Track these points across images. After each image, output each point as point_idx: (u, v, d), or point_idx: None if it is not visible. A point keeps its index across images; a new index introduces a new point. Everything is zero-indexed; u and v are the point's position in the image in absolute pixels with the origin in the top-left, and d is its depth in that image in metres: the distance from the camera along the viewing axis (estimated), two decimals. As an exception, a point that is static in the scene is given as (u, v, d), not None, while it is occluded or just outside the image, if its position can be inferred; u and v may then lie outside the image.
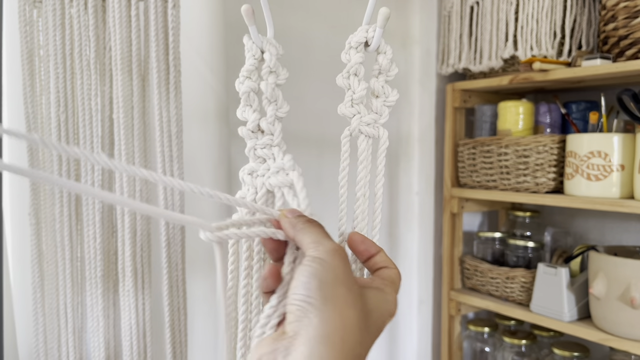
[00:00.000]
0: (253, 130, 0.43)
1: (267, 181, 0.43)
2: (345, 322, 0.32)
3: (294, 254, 0.38)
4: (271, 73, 0.43)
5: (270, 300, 0.37)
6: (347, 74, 0.43)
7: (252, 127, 0.43)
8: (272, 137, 0.43)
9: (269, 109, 0.43)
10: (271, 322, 0.36)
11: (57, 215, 0.77)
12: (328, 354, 0.31)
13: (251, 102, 0.43)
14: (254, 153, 0.43)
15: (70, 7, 0.76)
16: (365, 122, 0.44)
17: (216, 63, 0.99)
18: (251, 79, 0.43)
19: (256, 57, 0.43)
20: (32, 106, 0.77)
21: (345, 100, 0.44)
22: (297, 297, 0.33)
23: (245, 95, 0.43)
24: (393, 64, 0.43)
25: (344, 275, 0.34)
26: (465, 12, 1.37)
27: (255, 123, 0.43)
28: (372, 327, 0.35)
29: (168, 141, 0.79)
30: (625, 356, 1.15)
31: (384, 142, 0.44)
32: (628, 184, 1.09)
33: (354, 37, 0.43)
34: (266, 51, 0.43)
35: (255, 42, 0.43)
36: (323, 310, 0.32)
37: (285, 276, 0.37)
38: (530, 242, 1.32)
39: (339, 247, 0.35)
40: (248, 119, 0.43)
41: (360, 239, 0.41)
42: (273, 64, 0.42)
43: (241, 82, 0.43)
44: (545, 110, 1.28)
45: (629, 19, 1.09)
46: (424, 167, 1.47)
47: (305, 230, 0.37)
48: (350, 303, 0.33)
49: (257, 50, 0.43)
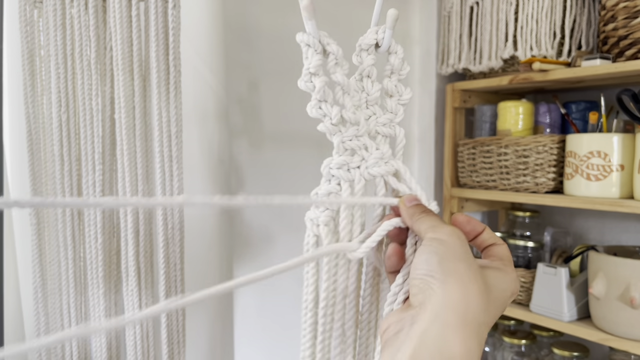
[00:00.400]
0: (335, 124, 0.43)
1: (367, 171, 0.42)
2: (468, 293, 0.33)
3: (415, 237, 0.40)
4: (337, 64, 0.43)
5: (396, 279, 0.39)
6: (360, 76, 0.44)
7: (336, 121, 0.42)
8: (357, 127, 0.42)
9: (347, 100, 0.43)
10: (398, 298, 0.39)
11: (58, 215, 0.77)
12: (452, 319, 0.32)
13: (326, 97, 0.43)
14: (342, 146, 0.43)
15: (71, 7, 0.76)
16: (382, 122, 0.44)
17: (216, 63, 0.98)
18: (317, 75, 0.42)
19: (318, 52, 0.42)
20: (32, 106, 0.77)
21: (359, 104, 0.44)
22: (420, 272, 0.35)
23: (321, 92, 0.42)
24: (404, 63, 0.44)
25: (463, 253, 0.35)
26: (465, 12, 1.37)
27: (339, 116, 0.42)
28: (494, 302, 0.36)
29: (168, 141, 0.79)
30: (625, 356, 1.15)
31: (400, 140, 0.44)
32: (628, 184, 1.09)
33: (364, 40, 0.43)
34: (330, 44, 0.42)
35: (316, 37, 0.42)
36: (445, 282, 0.34)
37: (409, 257, 0.40)
38: (530, 242, 1.32)
39: (456, 229, 0.37)
40: (330, 114, 0.42)
41: (466, 219, 0.42)
42: (340, 55, 0.42)
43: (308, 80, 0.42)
44: (545, 111, 1.28)
45: (629, 19, 1.09)
46: (424, 167, 1.47)
47: (423, 219, 0.39)
48: (471, 277, 0.34)
49: (319, 45, 0.42)
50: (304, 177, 1.25)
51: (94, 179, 0.77)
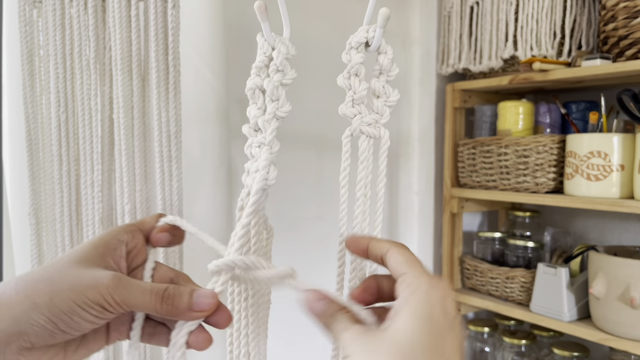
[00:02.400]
0: (255, 129, 0.43)
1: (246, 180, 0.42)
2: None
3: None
4: (278, 72, 0.42)
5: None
6: (348, 74, 0.43)
7: (253, 125, 0.43)
8: (264, 135, 0.42)
9: (269, 107, 0.42)
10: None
11: (57, 215, 0.77)
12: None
13: (256, 100, 0.43)
14: (250, 151, 0.43)
15: (70, 7, 0.76)
16: (367, 122, 0.44)
17: (216, 63, 0.98)
18: (259, 77, 0.43)
19: (267, 55, 0.42)
20: (32, 106, 0.77)
21: (346, 101, 0.44)
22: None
23: (250, 92, 0.43)
24: (394, 64, 0.43)
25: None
26: (465, 12, 1.37)
27: (255, 121, 0.43)
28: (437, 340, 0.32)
29: (167, 141, 0.79)
30: (625, 356, 1.15)
31: (385, 142, 0.44)
32: (628, 184, 1.09)
33: (354, 38, 0.43)
34: (276, 49, 0.42)
35: (267, 39, 0.42)
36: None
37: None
38: (530, 242, 1.32)
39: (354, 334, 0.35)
40: (250, 117, 0.43)
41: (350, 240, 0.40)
42: (280, 63, 0.42)
43: (250, 79, 0.42)
44: (545, 110, 1.28)
45: (629, 19, 1.09)
46: (424, 167, 1.47)
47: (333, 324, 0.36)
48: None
49: (269, 47, 0.43)
50: (304, 177, 1.25)
51: (92, 179, 0.77)
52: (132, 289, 0.35)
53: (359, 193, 0.43)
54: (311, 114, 1.22)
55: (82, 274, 0.35)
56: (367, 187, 0.44)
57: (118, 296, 0.35)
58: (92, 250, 0.37)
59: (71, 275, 0.35)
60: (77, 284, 0.34)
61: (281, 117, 0.43)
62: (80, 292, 0.34)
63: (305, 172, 1.25)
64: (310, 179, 1.26)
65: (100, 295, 0.34)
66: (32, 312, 0.33)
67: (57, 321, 0.33)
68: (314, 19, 1.24)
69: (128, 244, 0.39)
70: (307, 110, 1.22)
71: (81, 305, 0.34)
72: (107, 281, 0.35)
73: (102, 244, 0.38)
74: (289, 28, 0.44)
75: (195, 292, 0.37)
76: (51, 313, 0.33)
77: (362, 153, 0.44)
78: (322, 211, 1.27)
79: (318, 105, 1.22)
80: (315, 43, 1.23)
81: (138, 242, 0.40)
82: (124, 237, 0.39)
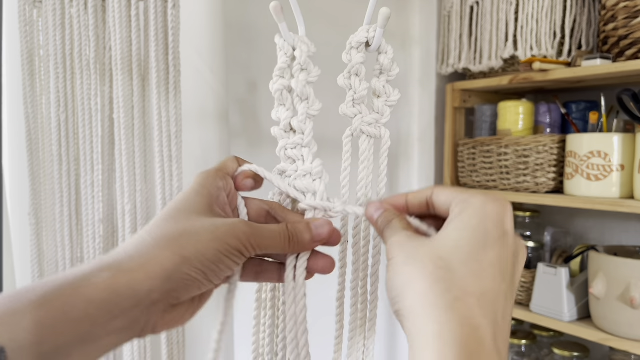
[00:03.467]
0: (285, 130, 0.43)
1: (293, 183, 0.42)
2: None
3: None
4: (302, 70, 0.42)
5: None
6: (349, 74, 0.43)
7: (284, 127, 0.42)
8: (302, 136, 0.42)
9: (301, 107, 0.42)
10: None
11: (57, 215, 0.77)
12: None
13: (284, 101, 0.43)
14: (284, 153, 0.43)
15: (70, 7, 0.76)
16: (367, 122, 0.43)
17: (216, 63, 0.98)
18: (284, 78, 0.42)
19: (288, 55, 0.42)
20: (32, 106, 0.77)
21: (346, 101, 0.44)
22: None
23: (278, 94, 0.42)
24: (394, 64, 0.43)
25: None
26: (465, 12, 1.37)
27: (287, 122, 0.42)
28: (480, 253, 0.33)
29: (167, 141, 0.79)
30: (625, 356, 1.15)
31: (385, 141, 0.44)
32: (628, 184, 1.09)
33: (354, 38, 0.43)
34: (297, 48, 0.42)
35: (287, 40, 0.42)
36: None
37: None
38: (530, 242, 1.32)
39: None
40: (280, 118, 0.42)
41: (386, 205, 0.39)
42: (304, 61, 0.42)
43: (274, 82, 0.42)
44: (545, 110, 1.28)
45: (629, 19, 1.09)
46: (424, 167, 1.47)
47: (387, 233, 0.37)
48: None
49: (289, 48, 0.42)
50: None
51: (92, 179, 0.77)
52: (264, 233, 0.37)
53: (360, 193, 0.43)
54: (311, 114, 1.22)
55: (214, 223, 0.35)
56: (367, 187, 0.44)
57: (254, 240, 0.36)
58: (200, 201, 0.37)
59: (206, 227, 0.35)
60: (218, 234, 0.35)
61: (314, 115, 0.43)
62: (223, 240, 0.34)
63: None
64: (310, 179, 1.26)
65: (240, 242, 0.35)
66: (183, 267, 0.33)
67: (207, 271, 0.34)
68: (314, 19, 1.24)
69: (225, 189, 0.40)
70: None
71: (225, 253, 0.34)
72: (243, 228, 0.36)
73: (207, 194, 0.38)
74: (304, 26, 0.44)
75: (313, 225, 0.39)
76: (202, 264, 0.34)
77: (362, 153, 0.44)
78: (322, 211, 1.27)
79: (318, 105, 1.21)
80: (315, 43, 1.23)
81: (231, 187, 0.41)
82: (221, 183, 0.40)
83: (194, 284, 0.34)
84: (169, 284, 0.33)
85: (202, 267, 0.34)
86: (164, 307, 0.33)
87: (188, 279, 0.33)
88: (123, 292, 0.31)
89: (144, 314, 0.32)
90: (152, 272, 0.32)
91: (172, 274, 0.33)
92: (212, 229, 0.35)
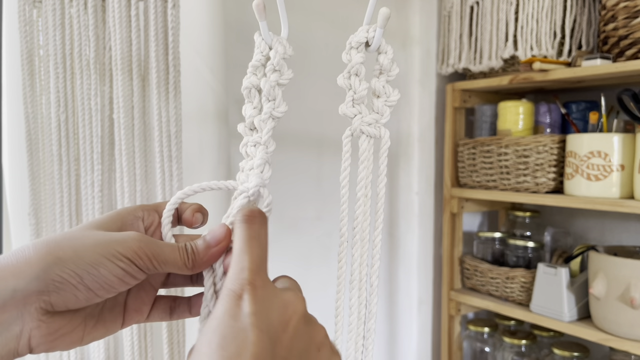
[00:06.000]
0: (251, 128, 0.43)
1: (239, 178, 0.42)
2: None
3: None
4: (275, 71, 0.42)
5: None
6: (348, 74, 0.43)
7: (248, 124, 0.43)
8: (260, 135, 0.42)
9: (266, 107, 0.43)
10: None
11: (57, 215, 0.77)
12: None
13: (252, 99, 0.43)
14: (245, 150, 0.43)
15: (70, 7, 0.76)
16: (367, 122, 0.43)
17: (216, 63, 0.98)
18: (256, 76, 0.43)
19: (263, 54, 0.42)
20: (32, 106, 0.77)
21: (346, 101, 0.44)
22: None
23: (246, 91, 0.43)
24: (394, 64, 0.43)
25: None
26: (465, 12, 1.37)
27: (251, 120, 0.43)
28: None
29: (167, 141, 0.79)
30: (625, 356, 1.15)
31: (385, 141, 0.44)
32: (628, 184, 1.09)
33: (354, 37, 0.43)
34: (273, 48, 0.42)
35: (265, 38, 0.42)
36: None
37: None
38: (530, 242, 1.32)
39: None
40: (246, 115, 0.43)
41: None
42: (277, 62, 0.42)
43: (246, 78, 0.43)
44: (545, 110, 1.28)
45: (629, 19, 1.09)
46: (424, 167, 1.47)
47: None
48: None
49: (266, 47, 0.43)
50: (304, 177, 1.25)
51: (92, 179, 0.77)
52: (161, 245, 0.35)
53: (360, 193, 0.43)
54: (311, 114, 1.22)
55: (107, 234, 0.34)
56: (367, 187, 0.44)
57: (149, 250, 0.34)
58: (109, 222, 0.36)
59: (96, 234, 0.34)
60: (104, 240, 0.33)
61: (277, 117, 0.43)
62: (109, 246, 0.33)
63: (305, 172, 1.25)
64: (310, 179, 1.26)
65: (130, 249, 0.33)
66: (55, 267, 0.32)
67: (84, 275, 0.32)
68: (314, 19, 1.24)
69: (144, 220, 0.39)
70: (307, 110, 1.22)
71: (109, 257, 0.33)
72: (136, 236, 0.34)
73: (119, 218, 0.37)
74: (287, 28, 0.44)
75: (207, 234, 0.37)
76: (77, 266, 0.32)
77: (362, 153, 0.44)
78: (322, 211, 1.27)
79: (318, 105, 1.22)
80: (315, 43, 1.23)
81: (154, 221, 0.40)
82: (140, 213, 0.39)
83: (66, 287, 0.32)
84: (36, 284, 0.31)
85: (77, 270, 0.32)
86: (37, 313, 0.32)
87: (60, 280, 0.31)
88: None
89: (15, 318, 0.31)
90: (18, 270, 0.31)
91: (40, 273, 0.31)
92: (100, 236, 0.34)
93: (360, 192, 0.43)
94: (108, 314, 0.37)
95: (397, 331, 1.49)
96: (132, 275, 0.34)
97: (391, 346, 1.48)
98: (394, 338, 1.49)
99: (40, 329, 0.32)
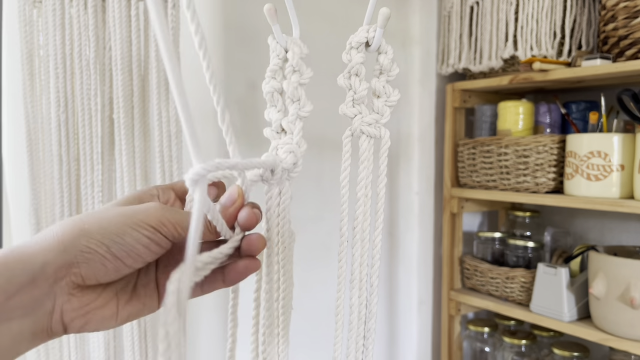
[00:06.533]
0: (277, 131, 0.43)
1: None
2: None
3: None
4: (294, 72, 0.42)
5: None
6: (348, 74, 0.43)
7: (276, 128, 0.43)
8: (292, 136, 0.42)
9: (292, 108, 0.43)
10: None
11: (57, 215, 0.77)
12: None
13: (275, 103, 0.43)
14: (276, 153, 0.43)
15: (70, 7, 0.76)
16: (367, 122, 0.44)
17: (216, 63, 0.98)
18: (275, 79, 0.43)
19: (280, 57, 0.42)
20: (32, 106, 0.77)
21: (346, 101, 0.44)
22: None
23: (269, 96, 0.43)
24: (394, 64, 0.43)
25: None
26: (465, 12, 1.37)
27: (278, 123, 0.43)
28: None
29: (167, 141, 0.79)
30: (625, 356, 1.15)
31: (385, 142, 0.44)
32: (628, 184, 1.09)
33: (354, 38, 0.43)
34: (290, 50, 0.42)
35: (279, 41, 0.42)
36: None
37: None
38: (530, 242, 1.32)
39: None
40: (272, 120, 0.43)
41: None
42: (296, 63, 0.42)
43: (266, 83, 0.42)
44: (545, 110, 1.28)
45: (629, 19, 1.09)
46: (424, 167, 1.47)
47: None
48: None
49: (281, 49, 0.43)
50: (304, 177, 1.25)
51: (92, 179, 0.77)
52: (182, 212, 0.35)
53: (360, 193, 0.43)
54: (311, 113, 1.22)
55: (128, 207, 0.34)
56: (367, 187, 0.44)
57: (172, 217, 0.34)
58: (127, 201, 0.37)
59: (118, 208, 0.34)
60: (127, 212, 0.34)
61: (304, 116, 0.43)
62: (132, 215, 0.33)
63: (305, 172, 1.25)
64: (310, 179, 1.26)
65: (153, 217, 0.33)
66: (81, 238, 0.32)
67: (110, 243, 0.32)
68: (314, 19, 1.24)
69: (160, 198, 0.39)
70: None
71: (133, 227, 0.33)
72: (157, 205, 0.34)
73: (136, 197, 0.38)
74: (299, 28, 0.44)
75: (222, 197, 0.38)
76: (102, 236, 0.32)
77: (362, 153, 0.44)
78: (322, 211, 1.27)
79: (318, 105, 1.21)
80: (315, 43, 1.23)
81: (169, 198, 0.40)
82: (155, 191, 0.39)
83: (95, 257, 0.32)
84: (65, 256, 0.31)
85: (103, 239, 0.32)
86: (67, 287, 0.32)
87: (87, 250, 0.32)
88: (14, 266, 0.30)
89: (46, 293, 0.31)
90: (46, 244, 0.31)
91: (68, 245, 0.31)
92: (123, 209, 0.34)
93: (361, 192, 0.43)
94: (142, 289, 0.37)
95: (397, 331, 1.49)
96: (157, 243, 0.34)
97: (391, 346, 1.48)
98: (394, 338, 1.49)
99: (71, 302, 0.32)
